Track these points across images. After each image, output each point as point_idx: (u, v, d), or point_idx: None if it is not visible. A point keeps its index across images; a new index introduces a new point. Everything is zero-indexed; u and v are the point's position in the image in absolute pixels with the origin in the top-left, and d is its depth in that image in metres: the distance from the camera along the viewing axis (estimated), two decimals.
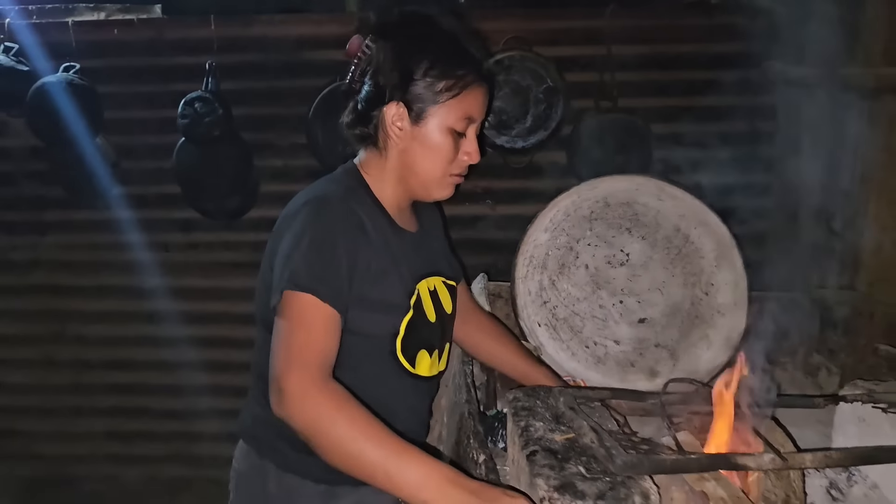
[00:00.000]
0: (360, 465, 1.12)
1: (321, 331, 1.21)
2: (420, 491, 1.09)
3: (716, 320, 2.03)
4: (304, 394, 1.14)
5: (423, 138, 1.35)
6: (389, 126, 1.35)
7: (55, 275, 3.31)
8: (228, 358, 3.26)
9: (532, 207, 2.09)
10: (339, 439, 1.12)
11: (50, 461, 3.48)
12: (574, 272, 2.09)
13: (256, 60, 3.05)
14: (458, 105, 1.33)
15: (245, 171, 3.04)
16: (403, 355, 1.39)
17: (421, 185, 1.40)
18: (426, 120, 1.34)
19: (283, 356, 1.18)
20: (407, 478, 1.10)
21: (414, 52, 1.33)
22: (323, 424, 1.13)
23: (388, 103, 1.34)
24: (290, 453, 1.38)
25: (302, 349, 1.18)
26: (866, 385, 1.53)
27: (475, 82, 1.35)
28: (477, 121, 1.38)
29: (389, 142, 1.37)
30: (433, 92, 1.32)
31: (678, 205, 2.03)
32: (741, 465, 1.13)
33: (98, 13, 3.11)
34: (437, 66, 1.32)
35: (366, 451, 1.11)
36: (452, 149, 1.36)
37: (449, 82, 1.32)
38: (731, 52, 2.69)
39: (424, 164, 1.37)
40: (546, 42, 2.90)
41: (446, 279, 1.53)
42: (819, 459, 1.15)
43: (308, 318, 1.21)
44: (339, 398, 1.16)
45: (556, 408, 1.34)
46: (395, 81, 1.33)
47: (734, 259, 2.00)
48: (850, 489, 1.40)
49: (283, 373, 1.16)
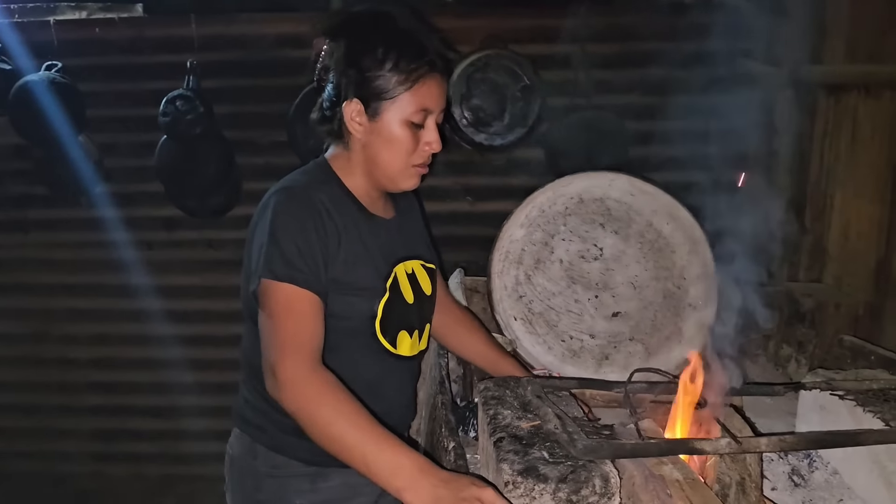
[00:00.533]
0: (341, 448, 1.19)
1: (307, 317, 1.29)
2: (393, 478, 1.15)
3: (687, 313, 2.08)
4: (296, 380, 1.23)
5: (381, 132, 1.38)
6: (349, 122, 1.39)
7: (39, 273, 3.32)
8: (213, 355, 3.27)
9: (510, 204, 2.13)
10: (323, 422, 1.20)
11: (35, 459, 3.48)
12: (549, 267, 2.13)
13: (238, 59, 3.07)
14: (412, 98, 1.36)
15: (227, 168, 3.06)
16: (384, 336, 1.44)
17: (385, 176, 1.43)
18: (382, 115, 1.37)
19: (275, 345, 1.26)
20: (381, 464, 1.16)
21: (365, 49, 1.35)
22: (311, 408, 1.21)
23: (346, 101, 1.37)
24: (279, 435, 1.44)
25: (291, 337, 1.26)
26: (827, 374, 1.58)
27: (428, 74, 1.37)
28: (435, 111, 1.41)
29: (352, 137, 1.41)
30: (386, 87, 1.35)
31: (650, 200, 2.08)
32: (698, 448, 1.17)
33: (79, 12, 3.12)
34: (388, 61, 1.34)
35: (346, 435, 1.19)
36: (411, 141, 1.39)
37: (401, 76, 1.35)
38: (703, 50, 2.73)
39: (385, 157, 1.40)
40: (522, 40, 2.94)
41: (425, 262, 1.58)
42: (774, 443, 1.20)
43: (292, 306, 1.28)
44: (327, 384, 1.24)
45: (524, 397, 1.38)
46: (350, 79, 1.36)
47: (705, 253, 2.04)
48: (811, 475, 1.45)
49: (277, 361, 1.24)
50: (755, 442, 1.21)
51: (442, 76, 1.40)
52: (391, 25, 1.39)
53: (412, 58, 1.35)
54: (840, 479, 1.43)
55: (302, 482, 1.46)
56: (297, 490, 1.46)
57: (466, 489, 1.10)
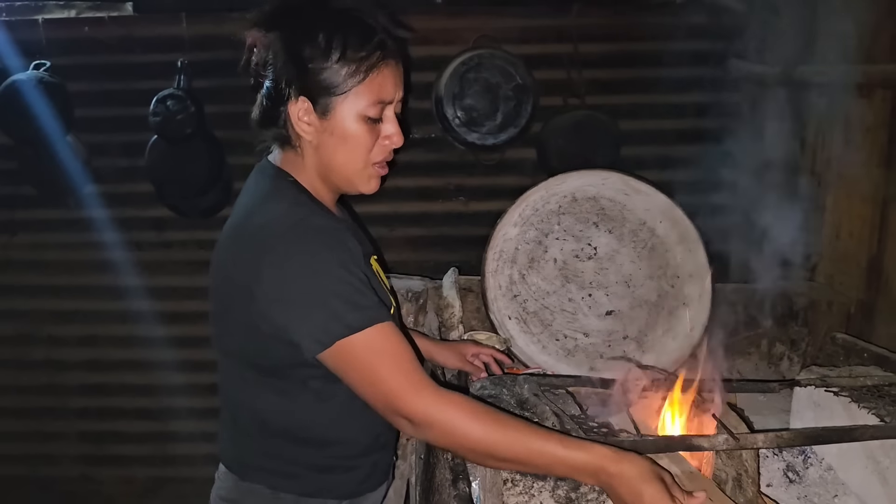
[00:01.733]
0: (527, 461, 1.11)
1: (395, 347, 1.17)
2: (581, 475, 1.10)
3: (681, 312, 2.08)
4: (431, 417, 1.13)
5: (334, 131, 1.23)
6: (296, 123, 1.24)
7: (26, 274, 3.28)
8: (203, 357, 3.24)
9: (503, 203, 2.13)
10: (490, 443, 1.11)
11: (22, 462, 3.45)
12: (543, 266, 2.13)
13: (228, 58, 3.01)
14: (365, 90, 1.21)
15: (218, 168, 3.04)
16: None
17: (343, 179, 1.29)
18: (334, 111, 1.22)
19: (389, 392, 1.14)
20: (576, 464, 1.09)
21: (304, 39, 1.20)
22: (464, 436, 1.12)
23: (291, 100, 1.23)
24: (312, 476, 1.33)
25: (397, 374, 1.14)
26: (821, 371, 1.58)
27: (381, 61, 1.22)
28: (392, 101, 1.27)
29: (302, 140, 1.26)
30: (335, 80, 1.20)
31: (644, 199, 2.08)
32: (696, 445, 1.17)
33: (68, 11, 3.08)
34: (333, 51, 1.19)
35: (513, 450, 1.10)
36: (368, 136, 1.25)
37: (350, 67, 1.20)
38: (696, 50, 2.75)
39: (341, 157, 1.26)
40: (515, 40, 2.93)
41: (373, 254, 1.44)
42: (770, 439, 1.20)
43: (378, 346, 1.15)
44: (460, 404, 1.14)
45: (520, 394, 1.38)
46: (292, 75, 1.21)
47: (698, 252, 2.05)
48: (806, 471, 1.45)
49: (401, 405, 1.13)
50: (752, 438, 1.22)
51: (396, 60, 1.26)
52: (330, 9, 1.23)
53: (360, 43, 1.20)
54: (835, 475, 1.44)
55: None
56: None
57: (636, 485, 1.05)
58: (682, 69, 2.70)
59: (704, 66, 2.79)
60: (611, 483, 1.06)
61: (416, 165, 2.99)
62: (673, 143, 2.93)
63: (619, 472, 1.05)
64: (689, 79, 2.78)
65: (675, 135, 2.94)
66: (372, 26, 1.23)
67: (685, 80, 2.77)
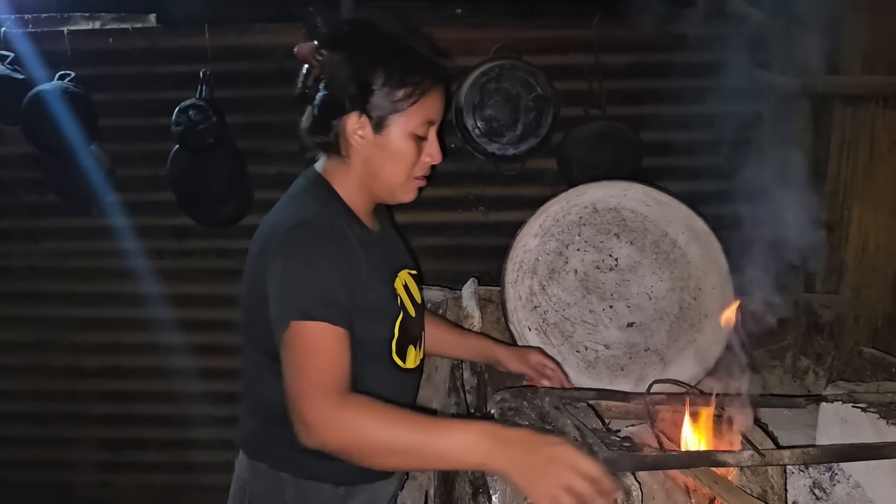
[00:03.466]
0: (406, 457, 1.17)
1: (334, 352, 1.23)
2: (468, 456, 1.13)
3: (703, 324, 2.06)
4: (329, 418, 1.17)
5: (385, 146, 1.36)
6: (350, 136, 1.35)
7: (49, 282, 3.32)
8: (222, 365, 3.26)
9: (523, 214, 2.11)
10: (378, 442, 1.16)
11: (42, 467, 3.47)
12: (564, 277, 2.11)
13: (250, 68, 3.08)
14: (418, 111, 1.35)
15: (239, 178, 3.05)
16: (398, 355, 1.43)
17: (385, 190, 1.42)
18: (388, 128, 1.35)
19: (301, 387, 1.20)
20: (452, 449, 1.13)
21: (369, 63, 1.33)
22: (357, 437, 1.16)
23: (348, 114, 1.34)
24: (307, 460, 1.37)
25: (317, 376, 1.20)
26: (848, 386, 1.56)
27: (433, 86, 1.36)
28: (437, 122, 1.40)
29: (352, 150, 1.38)
30: (393, 101, 1.33)
31: (665, 210, 2.06)
32: (721, 461, 1.15)
33: (93, 22, 3.13)
34: (394, 75, 1.32)
35: (409, 442, 1.15)
36: (415, 153, 1.38)
37: (408, 90, 1.33)
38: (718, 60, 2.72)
39: (388, 170, 1.38)
40: (535, 51, 2.93)
41: (410, 269, 1.57)
42: (797, 456, 1.18)
43: (319, 344, 1.23)
44: (362, 405, 1.19)
45: (541, 408, 1.37)
46: (353, 93, 1.33)
47: (721, 264, 2.02)
48: (833, 488, 1.43)
49: (304, 405, 1.18)
50: (778, 454, 1.20)
51: (442, 86, 1.40)
52: (391, 36, 1.37)
53: (416, 70, 1.34)
54: (862, 492, 1.41)
55: None
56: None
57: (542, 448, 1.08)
58: (704, 80, 2.68)
59: (726, 77, 2.76)
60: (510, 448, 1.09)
61: (436, 175, 2.94)
62: (695, 154, 2.91)
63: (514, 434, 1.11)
64: (710, 89, 2.75)
65: (698, 146, 2.92)
66: (426, 55, 1.37)
67: (707, 90, 2.75)
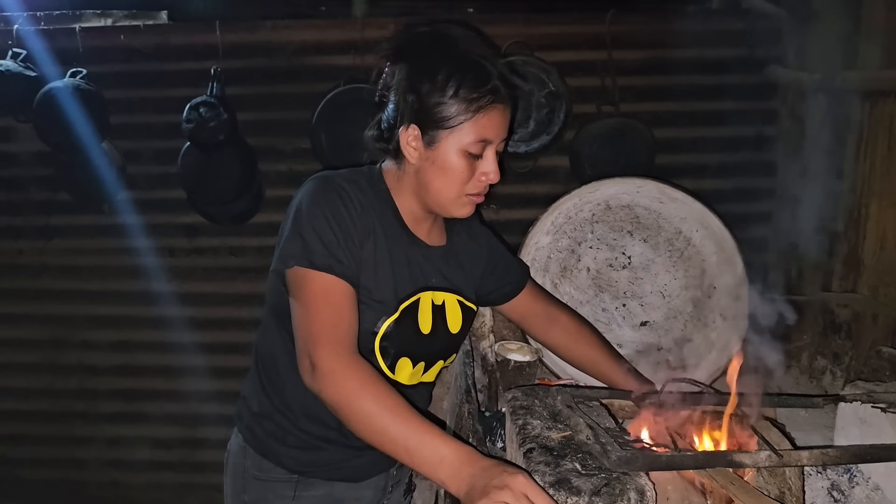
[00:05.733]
0: (384, 440, 1.17)
1: (344, 308, 1.27)
2: (436, 469, 1.13)
3: (718, 323, 2.03)
4: (335, 369, 1.20)
5: (436, 160, 1.34)
6: (405, 147, 1.36)
7: (61, 279, 3.32)
8: (233, 363, 3.26)
9: (535, 211, 2.09)
10: (365, 414, 1.17)
11: (53, 465, 3.48)
12: (576, 275, 2.09)
13: (261, 65, 3.07)
14: (471, 128, 1.31)
15: (249, 175, 3.05)
16: (382, 357, 1.39)
17: (436, 202, 1.39)
18: (439, 143, 1.32)
19: (312, 333, 1.23)
20: (424, 456, 1.14)
21: (426, 77, 1.31)
22: (352, 400, 1.18)
23: (404, 126, 1.34)
24: (265, 440, 1.47)
25: (329, 326, 1.24)
26: (867, 386, 1.52)
27: (491, 104, 1.31)
28: (495, 142, 1.35)
29: (406, 161, 1.38)
30: (446, 115, 1.30)
31: (679, 207, 2.03)
32: (737, 461, 1.13)
33: (105, 19, 3.14)
34: (449, 89, 1.30)
35: (389, 427, 1.16)
36: (467, 171, 1.34)
37: (462, 105, 1.30)
38: (732, 56, 2.70)
39: (438, 185, 1.36)
40: (548, 47, 2.92)
41: (464, 300, 1.51)
42: (815, 457, 1.15)
43: (330, 296, 1.26)
44: (368, 375, 1.21)
45: (553, 406, 1.34)
46: (410, 105, 1.32)
47: (736, 262, 1.99)
48: (851, 490, 1.40)
49: (315, 349, 1.22)
50: (796, 455, 1.17)
51: (505, 105, 1.35)
52: (454, 50, 1.34)
53: (474, 86, 1.30)
54: (882, 494, 1.38)
55: (285, 488, 1.47)
56: (280, 495, 1.48)
57: (499, 477, 1.05)
58: (719, 76, 2.65)
59: (741, 73, 2.73)
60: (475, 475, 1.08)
61: None
62: (709, 150, 2.88)
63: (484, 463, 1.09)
64: (725, 85, 2.73)
65: (712, 142, 2.89)
66: (489, 71, 1.32)
67: (721, 86, 2.72)
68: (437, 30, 1.37)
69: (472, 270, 1.58)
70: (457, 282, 1.50)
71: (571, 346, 1.71)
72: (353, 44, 2.96)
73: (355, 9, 3.09)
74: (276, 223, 1.40)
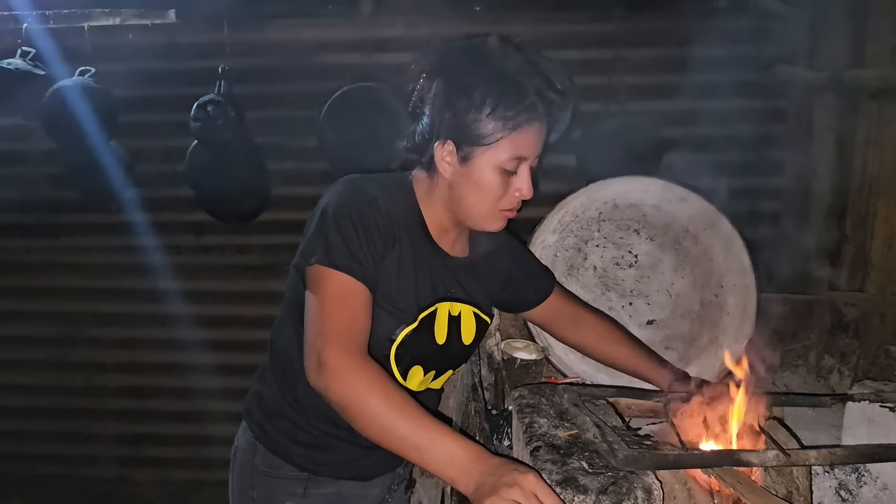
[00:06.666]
0: (392, 439, 1.15)
1: (359, 310, 1.26)
2: (446, 467, 1.12)
3: (725, 322, 2.02)
4: (343, 368, 1.19)
5: (470, 177, 1.32)
6: (439, 162, 1.34)
7: (69, 277, 3.34)
8: (239, 361, 3.27)
9: (541, 210, 2.09)
10: (373, 413, 1.16)
11: (60, 462, 3.50)
12: (583, 274, 2.09)
13: (268, 64, 3.08)
14: (507, 146, 1.29)
15: (257, 174, 3.05)
16: (396, 364, 1.38)
17: (468, 217, 1.38)
18: (474, 159, 1.31)
19: (324, 330, 1.22)
20: (434, 454, 1.13)
21: (463, 94, 1.28)
22: (359, 398, 1.17)
23: (439, 141, 1.32)
24: (276, 436, 1.46)
25: (341, 325, 1.23)
26: (875, 385, 1.52)
27: (527, 122, 1.29)
28: (529, 158, 1.33)
29: (439, 174, 1.36)
30: (482, 133, 1.28)
31: (687, 206, 2.03)
32: (744, 461, 1.13)
33: (113, 18, 3.15)
34: (485, 107, 1.27)
35: (398, 426, 1.15)
36: (501, 187, 1.32)
37: (498, 123, 1.27)
38: (740, 55, 2.69)
39: (471, 200, 1.35)
40: (555, 45, 2.90)
41: (480, 312, 1.51)
42: (823, 456, 1.15)
43: (346, 296, 1.25)
44: (376, 374, 1.20)
45: (560, 405, 1.34)
46: (446, 122, 1.30)
47: (744, 261, 1.98)
48: (859, 490, 1.39)
49: (324, 347, 1.20)
50: (803, 455, 1.17)
51: (542, 122, 1.32)
52: (491, 65, 1.30)
53: (511, 103, 1.27)
54: (890, 494, 1.37)
55: (295, 485, 1.47)
56: (290, 493, 1.47)
57: (510, 475, 1.05)
58: (726, 74, 2.64)
59: (749, 72, 2.73)
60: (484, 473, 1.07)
61: None
62: (717, 149, 2.87)
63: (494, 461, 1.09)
64: (732, 84, 2.71)
65: (719, 141, 2.88)
66: (527, 88, 1.28)
67: (729, 85, 2.71)
68: (474, 44, 1.34)
69: (493, 282, 1.57)
70: (475, 294, 1.50)
71: (602, 345, 1.71)
72: (361, 42, 2.96)
73: (363, 7, 3.10)
74: (282, 221, 1.40)
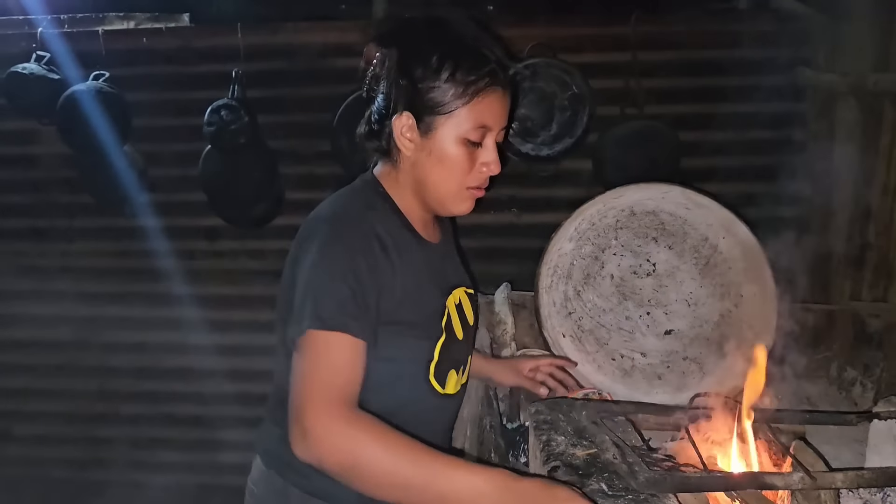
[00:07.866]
0: (409, 492, 1.07)
1: (347, 364, 1.15)
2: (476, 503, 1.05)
3: (745, 333, 1.98)
4: (330, 431, 1.08)
5: (433, 150, 1.25)
6: (398, 138, 1.26)
7: (83, 281, 3.34)
8: (252, 366, 3.26)
9: (557, 216, 2.06)
10: (379, 469, 1.07)
11: (73, 466, 3.51)
12: (599, 282, 2.05)
13: (282, 68, 3.07)
14: (469, 113, 1.23)
15: (270, 178, 3.05)
16: (436, 379, 1.33)
17: (435, 199, 1.30)
18: (436, 131, 1.24)
19: (306, 393, 1.11)
20: (461, 496, 1.05)
21: (419, 59, 1.23)
22: (358, 458, 1.07)
23: (397, 114, 1.25)
24: (316, 477, 1.24)
25: (325, 386, 1.12)
26: None
27: (489, 87, 1.23)
28: (494, 129, 1.27)
29: (400, 155, 1.29)
30: (441, 100, 1.22)
31: (706, 214, 1.99)
32: (769, 484, 1.09)
33: (127, 22, 3.15)
34: (443, 71, 1.22)
35: (411, 475, 1.06)
36: (467, 160, 1.26)
37: (458, 88, 1.22)
38: (759, 58, 2.64)
39: (436, 177, 1.27)
40: (571, 49, 2.88)
41: (467, 288, 1.46)
42: (851, 479, 1.12)
43: (333, 354, 1.14)
44: (369, 426, 1.10)
45: (578, 422, 1.31)
46: (401, 90, 1.24)
47: (764, 270, 1.95)
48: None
49: (306, 412, 1.10)
50: (830, 477, 1.13)
51: (504, 90, 1.27)
52: (448, 33, 1.26)
53: (471, 68, 1.22)
54: None
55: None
56: None
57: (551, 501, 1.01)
58: (746, 78, 2.61)
59: (769, 75, 2.68)
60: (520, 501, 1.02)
61: None
62: (736, 154, 2.83)
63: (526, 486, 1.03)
64: (753, 88, 2.67)
65: (739, 146, 2.84)
66: (486, 55, 1.25)
67: (749, 89, 2.67)
68: (429, 14, 1.31)
69: (457, 253, 1.54)
70: (460, 274, 1.47)
71: None
72: None
73: (376, 9, 3.08)
74: (296, 226, 1.34)
